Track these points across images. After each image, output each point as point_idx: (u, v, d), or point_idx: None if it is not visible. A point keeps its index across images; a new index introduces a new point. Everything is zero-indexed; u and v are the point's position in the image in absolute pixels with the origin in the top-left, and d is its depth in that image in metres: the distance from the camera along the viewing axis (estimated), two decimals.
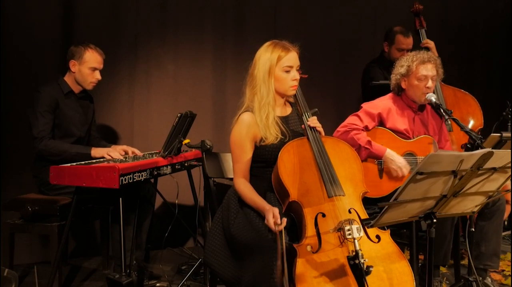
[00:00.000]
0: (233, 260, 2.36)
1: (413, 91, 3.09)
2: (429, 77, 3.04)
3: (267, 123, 2.41)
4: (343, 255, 2.18)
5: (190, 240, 4.34)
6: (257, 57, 2.47)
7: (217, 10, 4.41)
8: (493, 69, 5.44)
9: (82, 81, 3.35)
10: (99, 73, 3.37)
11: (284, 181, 2.30)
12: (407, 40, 4.01)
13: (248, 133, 2.42)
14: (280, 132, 2.43)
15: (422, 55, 3.08)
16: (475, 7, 5.38)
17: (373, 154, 2.97)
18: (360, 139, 2.98)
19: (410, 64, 3.06)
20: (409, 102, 3.15)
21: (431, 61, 3.06)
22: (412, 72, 3.06)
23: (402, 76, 3.10)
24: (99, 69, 3.37)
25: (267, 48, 2.46)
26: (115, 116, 4.12)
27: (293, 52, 2.46)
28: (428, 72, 3.03)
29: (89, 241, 3.98)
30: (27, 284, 3.37)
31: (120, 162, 2.92)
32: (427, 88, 3.04)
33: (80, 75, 3.33)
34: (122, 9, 4.08)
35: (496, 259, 3.17)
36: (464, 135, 3.14)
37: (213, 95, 4.43)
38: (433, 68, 3.06)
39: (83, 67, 3.32)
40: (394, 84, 3.18)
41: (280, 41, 2.49)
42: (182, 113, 3.09)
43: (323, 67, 4.68)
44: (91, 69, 3.33)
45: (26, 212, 3.05)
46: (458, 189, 1.95)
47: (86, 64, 3.31)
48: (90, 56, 3.32)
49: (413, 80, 3.06)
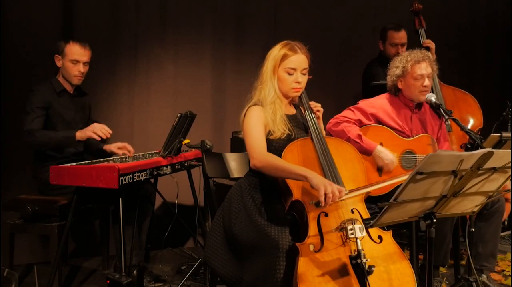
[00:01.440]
0: (234, 259, 2.36)
1: (410, 91, 3.11)
2: (425, 76, 3.06)
3: (275, 118, 2.42)
4: (345, 255, 2.19)
5: (190, 240, 4.34)
6: (268, 54, 2.51)
7: (217, 10, 4.41)
8: (493, 69, 5.44)
9: (67, 75, 3.34)
10: (83, 66, 3.34)
11: (286, 180, 2.30)
12: (398, 34, 4.00)
13: (260, 117, 2.41)
14: (287, 128, 2.44)
15: (416, 55, 3.09)
16: (475, 7, 5.39)
17: (363, 148, 2.97)
18: (350, 131, 2.99)
19: (405, 65, 3.07)
20: (406, 101, 3.16)
21: (425, 60, 3.08)
22: (408, 72, 3.07)
23: (398, 77, 3.11)
24: (82, 61, 3.33)
25: (277, 47, 2.48)
26: (115, 116, 4.12)
27: (300, 54, 2.45)
28: (423, 71, 3.05)
29: (89, 241, 3.97)
30: (27, 284, 3.37)
31: (120, 162, 2.92)
32: (424, 87, 3.07)
33: (64, 69, 3.33)
34: (122, 9, 4.08)
35: (493, 260, 3.18)
36: (464, 135, 3.14)
37: (213, 95, 4.43)
38: (428, 66, 3.08)
39: (65, 61, 3.31)
40: (391, 85, 3.19)
41: (293, 42, 2.49)
42: (182, 113, 3.09)
43: (323, 67, 4.67)
44: (73, 62, 3.31)
45: (26, 212, 3.05)
46: (458, 189, 1.95)
47: (67, 57, 3.31)
48: (70, 49, 3.31)
49: (410, 80, 3.08)
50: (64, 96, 3.37)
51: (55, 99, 3.31)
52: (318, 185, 2.13)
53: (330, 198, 2.11)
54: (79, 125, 3.44)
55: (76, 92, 3.46)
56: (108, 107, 4.09)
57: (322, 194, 2.10)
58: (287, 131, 2.44)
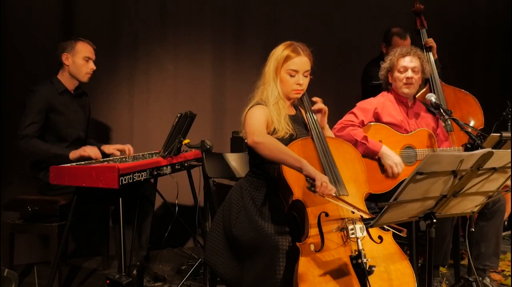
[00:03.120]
0: (234, 259, 2.36)
1: (396, 84, 3.21)
2: (408, 68, 3.16)
3: (279, 119, 2.42)
4: (346, 255, 2.19)
5: (190, 240, 4.34)
6: (271, 54, 2.51)
7: (216, 10, 4.41)
8: (493, 69, 5.44)
9: (77, 73, 3.33)
10: (93, 63, 3.36)
11: (287, 180, 2.30)
12: (404, 42, 3.97)
13: (263, 113, 2.40)
14: (291, 128, 2.45)
15: (403, 49, 3.22)
16: (475, 7, 5.39)
17: (369, 149, 3.01)
18: (356, 134, 3.03)
19: (392, 58, 3.21)
20: (399, 97, 3.24)
21: (410, 54, 3.18)
22: (394, 65, 3.20)
23: (388, 71, 3.24)
24: (92, 59, 3.36)
25: (280, 47, 2.48)
26: (115, 116, 4.12)
27: (303, 56, 2.45)
28: (407, 63, 3.16)
29: (89, 241, 3.97)
30: (27, 284, 3.37)
31: (120, 162, 2.92)
32: (407, 79, 3.15)
33: (75, 67, 3.32)
34: (122, 9, 4.08)
35: (496, 259, 3.17)
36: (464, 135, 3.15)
37: (212, 95, 4.43)
38: (414, 59, 3.16)
39: (77, 58, 3.31)
40: (383, 81, 3.31)
41: (297, 43, 2.49)
42: (182, 113, 3.09)
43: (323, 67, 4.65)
44: (85, 59, 3.32)
45: (26, 212, 3.05)
46: (458, 189, 1.95)
47: (79, 54, 3.31)
48: (82, 47, 3.32)
49: (396, 73, 3.19)
50: (65, 96, 3.36)
51: (57, 99, 3.29)
52: (315, 174, 2.13)
53: (325, 187, 2.11)
54: (82, 126, 3.44)
55: (77, 92, 3.45)
56: (108, 107, 4.09)
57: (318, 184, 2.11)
58: (290, 131, 2.44)
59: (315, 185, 2.11)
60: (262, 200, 2.40)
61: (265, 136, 2.29)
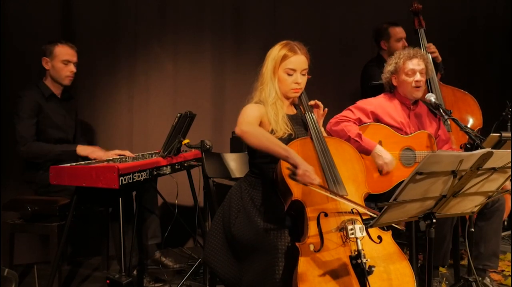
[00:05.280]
0: (233, 259, 2.36)
1: (404, 87, 3.16)
2: (416, 71, 3.11)
3: (277, 119, 2.42)
4: (346, 255, 2.19)
5: (189, 240, 4.34)
6: (268, 54, 2.50)
7: (216, 10, 4.41)
8: (493, 69, 5.44)
9: (57, 76, 3.34)
10: (74, 66, 3.36)
11: (286, 180, 2.30)
12: (400, 28, 4.05)
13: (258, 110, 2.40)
14: (289, 128, 2.45)
15: (408, 51, 3.16)
16: (475, 7, 5.39)
17: (362, 147, 3.00)
18: (350, 131, 3.02)
19: (398, 61, 3.15)
20: (402, 99, 3.21)
21: (417, 56, 3.14)
22: (400, 68, 3.14)
23: (392, 74, 3.19)
24: (72, 62, 3.36)
25: (277, 47, 2.48)
26: (115, 117, 4.12)
27: (300, 55, 2.45)
28: (415, 66, 3.11)
29: (89, 241, 3.97)
30: (27, 284, 3.37)
31: (120, 162, 2.93)
32: (416, 82, 3.11)
33: (54, 70, 3.33)
34: (122, 10, 4.08)
35: (495, 259, 3.17)
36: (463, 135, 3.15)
37: (212, 95, 4.43)
38: (421, 62, 3.13)
39: (56, 62, 3.32)
40: (386, 83, 3.26)
41: (293, 42, 2.49)
42: (181, 113, 3.09)
43: (322, 67, 4.68)
44: (63, 63, 3.32)
45: (26, 212, 3.05)
46: (458, 189, 1.95)
47: (58, 58, 3.32)
48: (60, 50, 3.33)
49: (402, 76, 3.14)
50: (52, 100, 3.37)
51: (44, 103, 3.31)
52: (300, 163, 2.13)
53: (307, 176, 2.11)
54: (70, 129, 3.44)
55: (64, 96, 3.46)
56: (108, 107, 4.09)
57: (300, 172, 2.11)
58: (289, 130, 2.44)
59: (297, 173, 2.11)
60: (262, 200, 2.40)
61: (253, 126, 2.29)
